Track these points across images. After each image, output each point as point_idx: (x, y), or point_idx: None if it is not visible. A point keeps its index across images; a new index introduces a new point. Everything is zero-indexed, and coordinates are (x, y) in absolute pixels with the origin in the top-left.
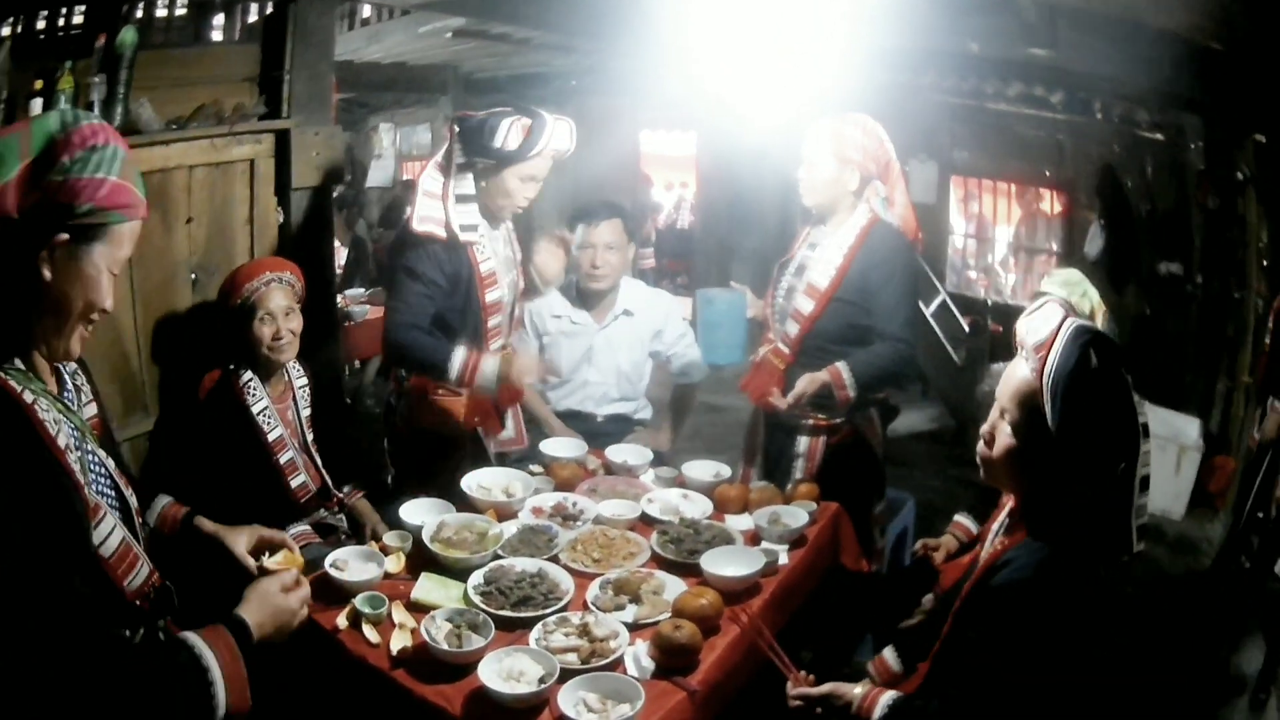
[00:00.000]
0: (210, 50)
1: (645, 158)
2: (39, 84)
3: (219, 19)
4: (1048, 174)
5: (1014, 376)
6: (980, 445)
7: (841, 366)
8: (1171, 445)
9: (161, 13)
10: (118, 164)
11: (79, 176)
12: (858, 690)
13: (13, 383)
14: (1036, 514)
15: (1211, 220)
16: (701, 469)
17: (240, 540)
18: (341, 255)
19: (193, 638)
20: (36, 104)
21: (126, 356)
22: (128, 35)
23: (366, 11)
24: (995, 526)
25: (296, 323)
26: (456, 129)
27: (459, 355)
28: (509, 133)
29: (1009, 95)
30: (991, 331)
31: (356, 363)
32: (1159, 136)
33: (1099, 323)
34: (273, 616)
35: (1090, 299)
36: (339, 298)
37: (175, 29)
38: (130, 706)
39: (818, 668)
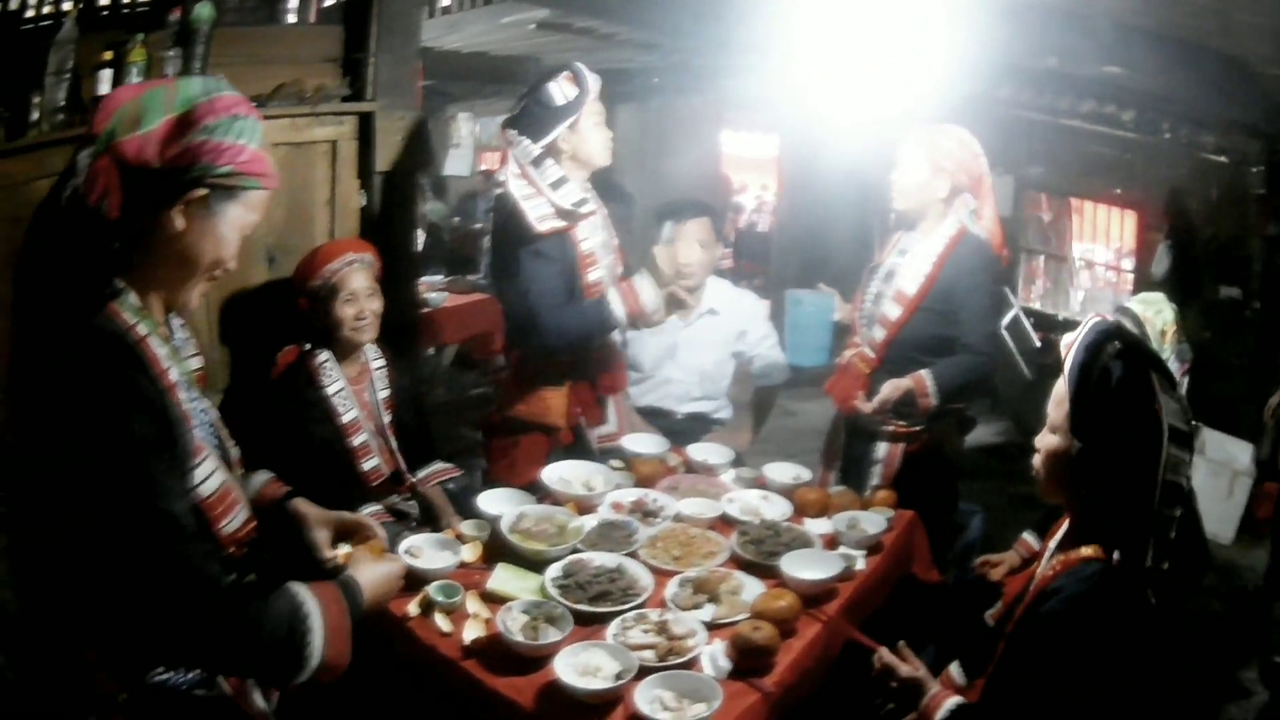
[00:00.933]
0: (290, 29)
1: (726, 158)
2: (108, 55)
3: (293, 1)
4: (1119, 192)
5: (1057, 386)
6: (1034, 462)
7: (926, 374)
8: (1225, 470)
9: None
10: (257, 134)
11: (221, 140)
12: (933, 687)
13: (127, 315)
14: (1082, 523)
15: (1271, 246)
16: (781, 471)
17: (323, 532)
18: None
19: (296, 585)
20: (105, 75)
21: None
22: (204, 10)
23: (446, 0)
24: (1052, 544)
25: (378, 303)
26: (513, 130)
27: (613, 293)
28: (559, 90)
29: (1082, 112)
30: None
31: (431, 350)
32: (1223, 160)
33: (1168, 343)
34: (378, 586)
35: (1164, 318)
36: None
37: (247, 9)
38: (215, 636)
39: (880, 674)
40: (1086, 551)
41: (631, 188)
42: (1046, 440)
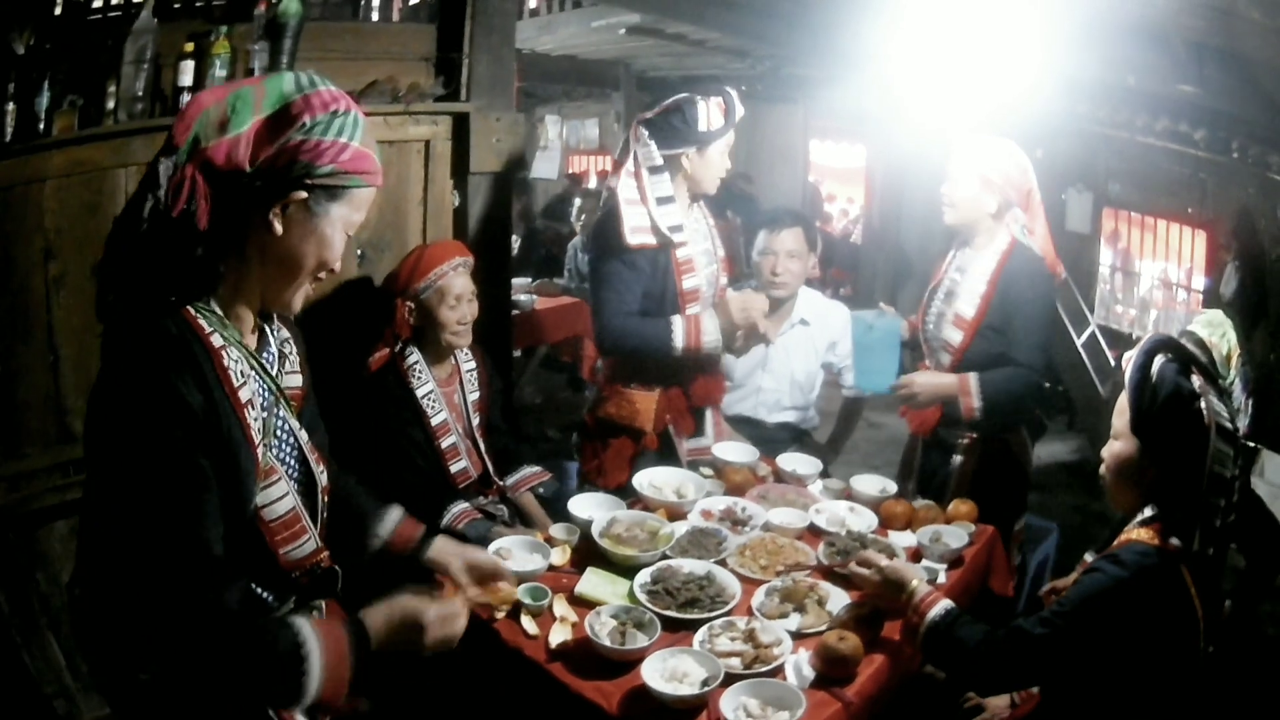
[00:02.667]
0: (383, 27)
1: (814, 167)
2: (189, 46)
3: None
4: (1191, 211)
5: (1120, 398)
6: (1101, 467)
7: (971, 376)
8: None
9: None
10: (360, 130)
11: (321, 139)
12: (920, 586)
13: (202, 322)
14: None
15: None
16: (868, 483)
17: (464, 572)
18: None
19: (301, 622)
20: (187, 66)
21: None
22: (292, 4)
23: (534, 2)
24: None
25: (475, 308)
26: (645, 131)
27: (678, 321)
28: (709, 113)
29: (1156, 130)
30: None
31: (517, 352)
32: None
33: (1232, 367)
34: (399, 637)
35: (1228, 341)
36: None
37: (332, 5)
38: (215, 664)
39: (947, 689)
40: (1136, 534)
41: (721, 197)
42: (1111, 447)
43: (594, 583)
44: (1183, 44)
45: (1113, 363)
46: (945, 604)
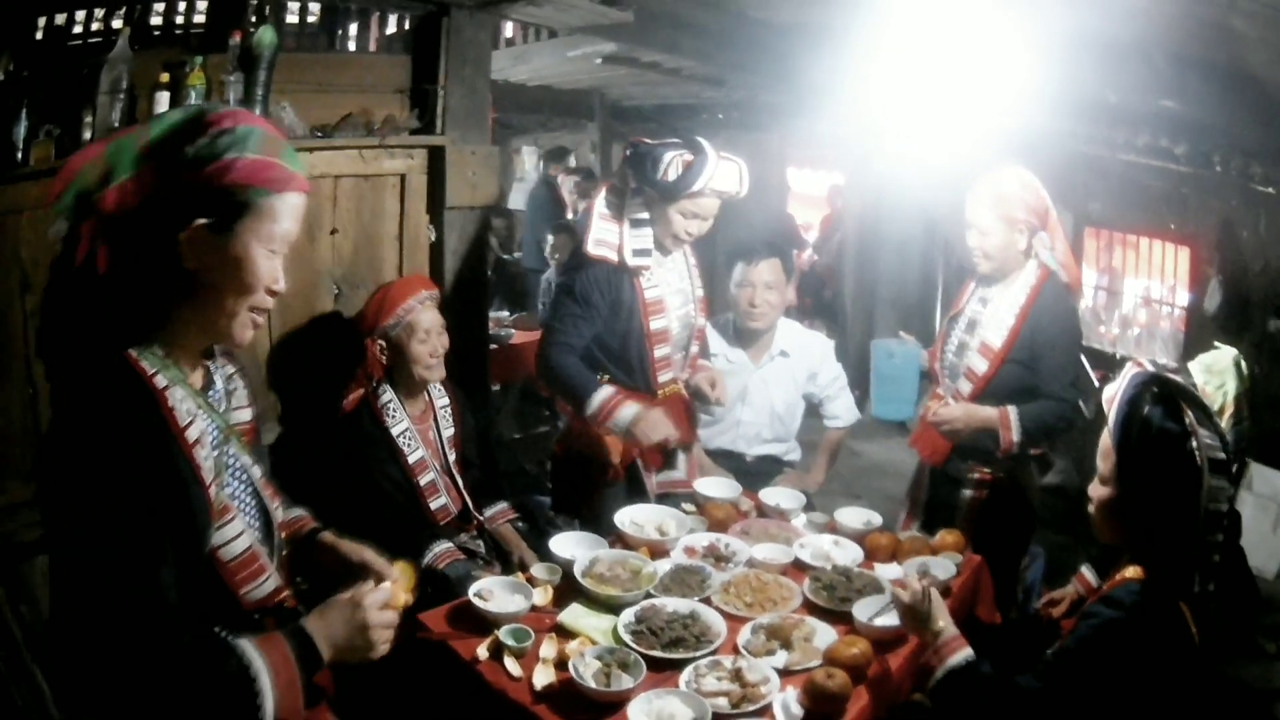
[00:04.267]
0: (357, 58)
1: (792, 196)
2: (164, 77)
3: (354, 28)
4: (1173, 227)
5: (1103, 439)
6: (1089, 506)
7: (1011, 410)
8: (1272, 505)
9: (292, 18)
10: (252, 141)
11: (208, 163)
12: (945, 628)
13: (145, 364)
14: (1134, 556)
15: None
16: (853, 516)
17: (365, 549)
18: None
19: (244, 645)
20: (162, 97)
21: (257, 362)
22: (266, 34)
23: (509, 32)
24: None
25: (446, 340)
26: (628, 154)
27: (602, 394)
28: (669, 165)
29: (1137, 146)
30: None
31: (495, 386)
32: (1271, 191)
33: (1227, 415)
34: (347, 632)
35: (1226, 392)
36: None
37: (308, 35)
38: (170, 703)
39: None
40: (1130, 573)
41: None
42: (1098, 491)
43: (578, 613)
44: (1164, 57)
45: (1096, 383)
46: (967, 653)
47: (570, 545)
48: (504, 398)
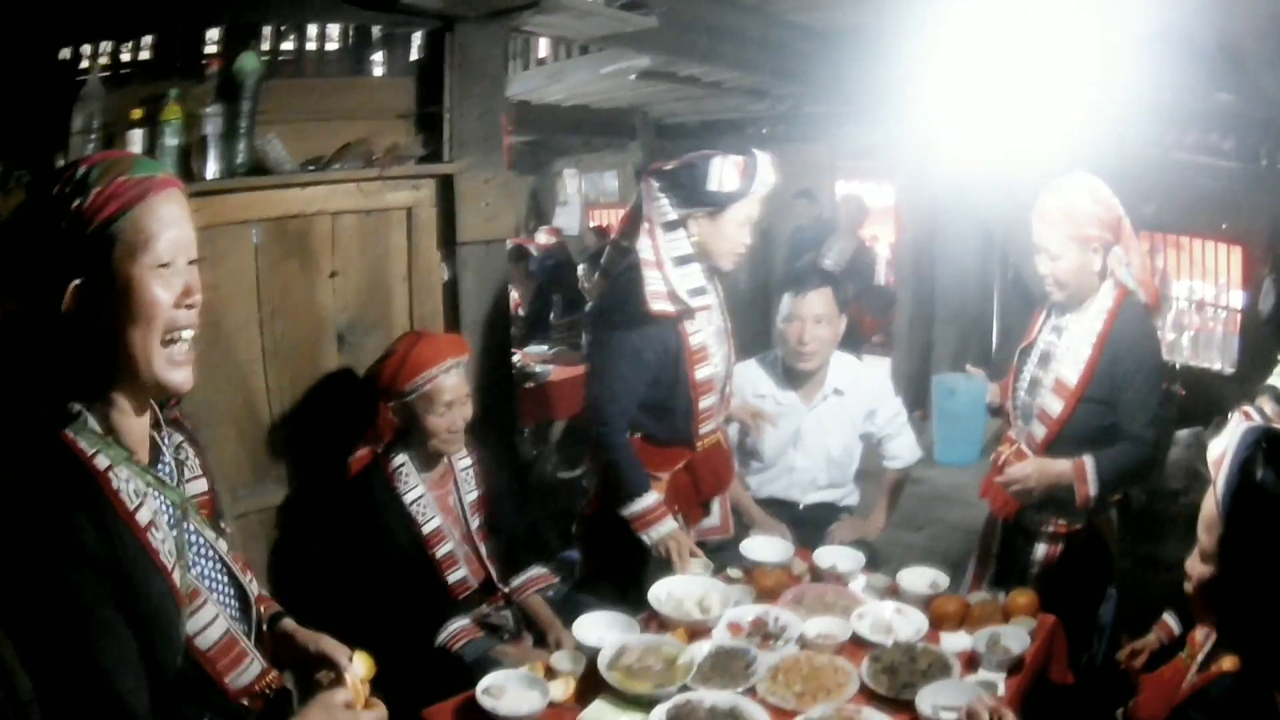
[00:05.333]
0: (356, 82)
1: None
2: (138, 113)
3: (352, 49)
4: (1225, 227)
5: (1205, 502)
6: (1184, 583)
7: (1088, 460)
8: None
9: (288, 45)
10: (93, 176)
11: (60, 221)
12: None
13: (82, 444)
14: (1231, 637)
15: None
16: (917, 578)
17: (323, 639)
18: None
19: None
20: (136, 136)
21: (257, 419)
22: (249, 60)
23: (543, 51)
24: (1201, 638)
25: (469, 409)
26: (656, 184)
27: (648, 499)
28: (724, 173)
29: (1187, 143)
30: (1179, 397)
31: (527, 430)
32: None
33: None
34: None
35: None
36: (517, 356)
37: (300, 60)
38: None
39: None
40: (1228, 664)
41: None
42: (1198, 569)
43: (603, 711)
44: (1219, 50)
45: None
46: None
47: (598, 628)
48: (545, 437)
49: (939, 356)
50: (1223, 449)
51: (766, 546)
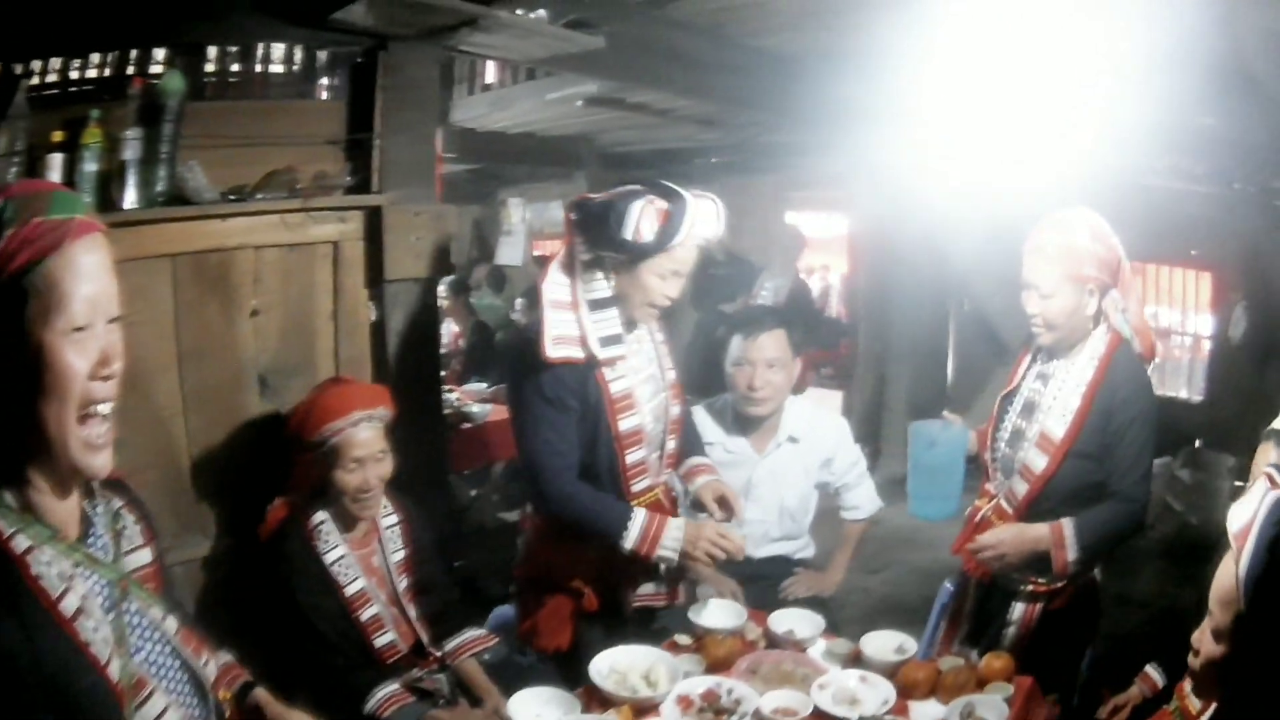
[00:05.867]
0: (284, 105)
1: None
2: (59, 135)
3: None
4: (1194, 253)
5: (1222, 573)
6: (1190, 657)
7: (1067, 524)
8: None
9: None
10: (9, 212)
11: None
12: None
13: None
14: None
15: None
16: (882, 643)
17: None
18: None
19: None
20: (56, 160)
21: (177, 469)
22: (172, 80)
23: (490, 76)
24: (1197, 708)
25: (387, 467)
26: (575, 217)
27: (639, 520)
28: (640, 219)
29: (1158, 169)
30: None
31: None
32: None
33: None
34: None
35: None
36: (455, 394)
37: (227, 81)
38: None
39: None
40: None
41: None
42: (1209, 647)
43: None
44: (1203, 71)
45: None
46: None
47: (533, 707)
48: (484, 479)
49: (892, 395)
50: (1247, 520)
51: (717, 611)
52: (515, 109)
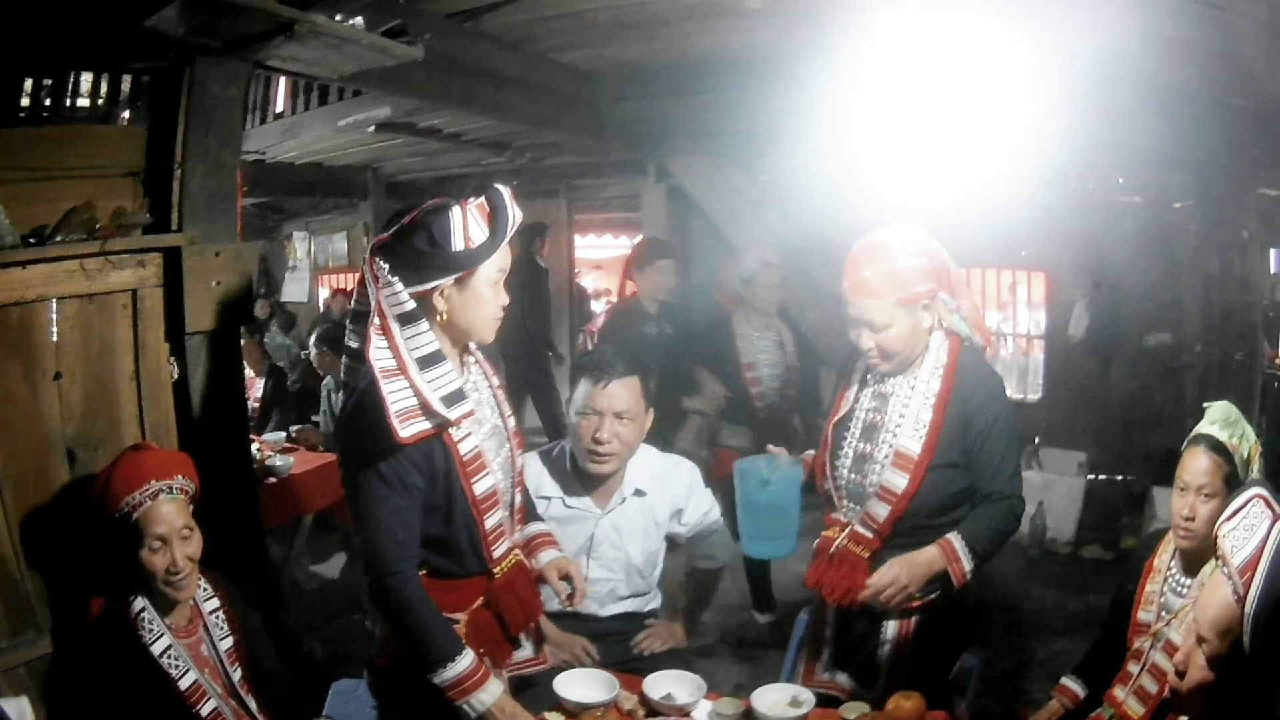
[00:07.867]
0: (81, 131)
1: (580, 261)
2: None
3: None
4: (1024, 254)
5: (1215, 598)
6: (1171, 675)
7: (955, 538)
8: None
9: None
10: None
11: None
12: None
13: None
14: None
15: (1210, 283)
16: (776, 698)
17: None
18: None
19: None
20: None
21: (2, 557)
22: None
23: (280, 104)
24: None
25: (195, 546)
26: (386, 264)
27: (464, 663)
28: (467, 224)
29: (989, 173)
30: None
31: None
32: (1137, 200)
33: (1254, 468)
34: None
35: (1248, 439)
36: (255, 444)
37: (27, 106)
38: None
39: None
40: None
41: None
42: (1199, 673)
43: None
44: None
45: None
46: None
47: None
48: (291, 536)
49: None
50: (1252, 552)
51: (583, 681)
52: (305, 137)
